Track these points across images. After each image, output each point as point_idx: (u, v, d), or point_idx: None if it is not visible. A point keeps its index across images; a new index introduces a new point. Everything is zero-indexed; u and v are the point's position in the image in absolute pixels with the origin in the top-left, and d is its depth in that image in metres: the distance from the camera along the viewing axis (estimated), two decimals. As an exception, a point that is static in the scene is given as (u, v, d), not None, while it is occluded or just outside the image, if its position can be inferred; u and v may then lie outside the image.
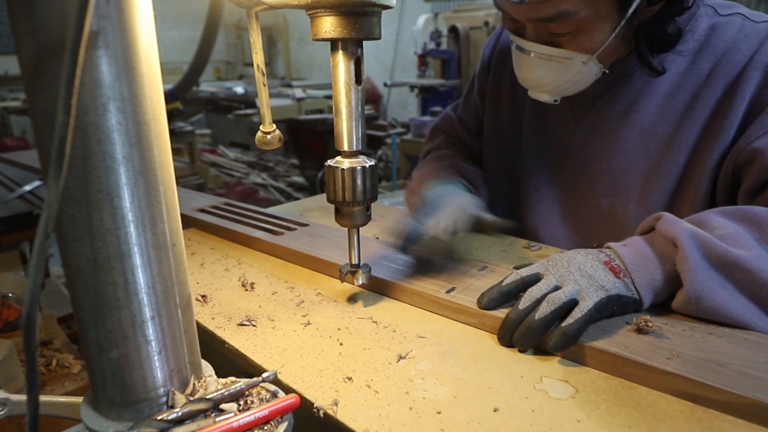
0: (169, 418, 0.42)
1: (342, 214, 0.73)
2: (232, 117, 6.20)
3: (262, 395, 0.49)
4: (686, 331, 0.66)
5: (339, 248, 0.93)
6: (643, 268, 0.69)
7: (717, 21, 0.88)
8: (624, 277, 0.68)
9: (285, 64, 9.19)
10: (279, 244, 0.97)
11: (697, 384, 0.56)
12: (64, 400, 0.48)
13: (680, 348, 0.62)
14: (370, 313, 0.77)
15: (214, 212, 1.18)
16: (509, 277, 0.73)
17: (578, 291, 0.66)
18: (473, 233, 1.06)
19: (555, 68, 0.87)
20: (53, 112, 0.33)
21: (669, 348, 0.62)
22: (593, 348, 0.63)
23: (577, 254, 0.72)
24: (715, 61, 0.86)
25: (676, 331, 0.66)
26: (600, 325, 0.67)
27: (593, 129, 0.98)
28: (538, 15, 0.81)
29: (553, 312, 0.64)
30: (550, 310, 0.64)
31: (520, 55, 0.91)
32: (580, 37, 0.83)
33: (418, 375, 0.62)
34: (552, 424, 0.54)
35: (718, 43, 0.87)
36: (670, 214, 0.73)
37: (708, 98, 0.87)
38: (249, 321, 0.74)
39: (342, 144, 0.69)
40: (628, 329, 0.66)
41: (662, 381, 0.58)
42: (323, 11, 0.62)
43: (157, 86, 0.40)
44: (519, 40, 0.90)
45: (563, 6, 0.79)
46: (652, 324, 0.65)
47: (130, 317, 0.41)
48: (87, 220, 0.38)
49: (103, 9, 0.35)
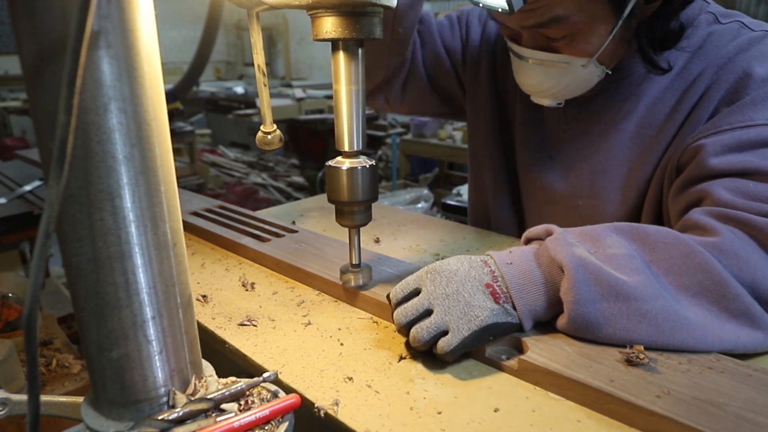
0: (170, 417, 0.42)
1: (342, 214, 0.73)
2: (232, 117, 6.20)
3: (263, 395, 0.49)
4: (683, 364, 0.59)
5: (323, 258, 0.90)
6: (526, 293, 0.64)
7: (715, 29, 0.87)
8: (504, 303, 0.64)
9: (285, 64, 9.19)
10: (263, 252, 0.94)
11: (687, 428, 0.49)
12: (64, 400, 0.48)
13: (673, 384, 0.55)
14: (370, 314, 0.77)
15: (206, 216, 1.16)
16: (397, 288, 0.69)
17: (447, 322, 0.62)
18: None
19: (554, 73, 0.87)
20: (54, 112, 0.33)
21: (660, 384, 0.55)
22: (573, 381, 0.57)
23: (460, 267, 0.66)
24: (704, 66, 0.85)
25: (671, 364, 0.59)
26: (585, 353, 0.61)
27: (582, 130, 0.98)
28: (530, 22, 0.81)
29: (423, 343, 0.62)
30: (417, 344, 0.63)
31: (518, 61, 0.90)
32: (577, 40, 0.82)
33: (418, 375, 0.62)
34: (552, 424, 0.54)
35: (710, 49, 0.86)
36: (561, 230, 0.69)
37: (689, 101, 0.86)
38: (249, 321, 0.74)
39: (342, 144, 0.69)
40: (617, 360, 0.60)
41: (649, 422, 0.52)
42: (324, 11, 0.62)
43: (158, 86, 0.40)
44: (516, 47, 0.89)
45: (555, 11, 0.78)
46: (644, 356, 0.59)
47: (131, 317, 0.41)
48: (88, 220, 0.38)
49: (105, 9, 0.35)
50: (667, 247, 0.65)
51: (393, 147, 4.73)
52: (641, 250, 0.66)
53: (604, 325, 0.62)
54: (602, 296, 0.62)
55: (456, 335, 0.61)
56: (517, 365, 0.62)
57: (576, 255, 0.63)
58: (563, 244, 0.65)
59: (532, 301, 0.65)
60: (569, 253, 0.63)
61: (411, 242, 1.07)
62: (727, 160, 0.75)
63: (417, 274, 0.68)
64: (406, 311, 0.65)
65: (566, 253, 0.63)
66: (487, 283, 0.65)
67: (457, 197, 3.39)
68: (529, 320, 0.65)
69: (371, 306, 0.77)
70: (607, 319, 0.61)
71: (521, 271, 0.66)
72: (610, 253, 0.65)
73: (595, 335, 0.62)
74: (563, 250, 0.64)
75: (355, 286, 0.78)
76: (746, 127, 0.76)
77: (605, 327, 0.62)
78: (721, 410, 0.51)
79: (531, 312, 0.65)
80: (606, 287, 0.61)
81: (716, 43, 0.86)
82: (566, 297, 0.62)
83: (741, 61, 0.81)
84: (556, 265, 0.64)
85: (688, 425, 0.49)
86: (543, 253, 0.66)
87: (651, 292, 0.62)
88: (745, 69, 0.80)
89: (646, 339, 0.61)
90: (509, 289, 0.64)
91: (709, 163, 0.76)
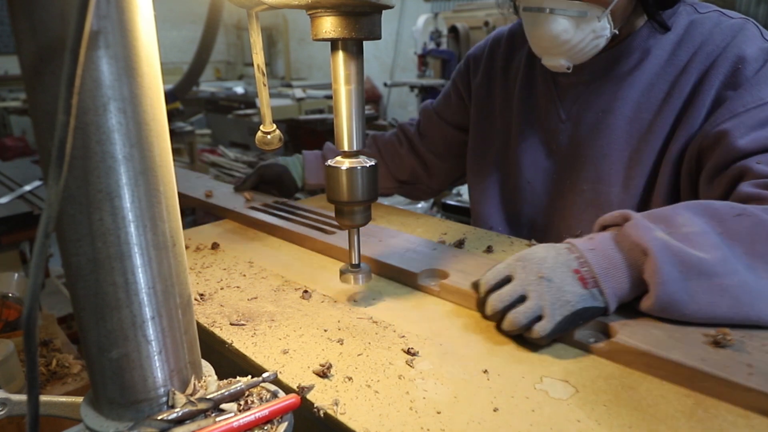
0: (170, 418, 0.42)
1: (342, 214, 0.73)
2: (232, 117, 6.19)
3: (263, 395, 0.49)
4: (766, 345, 0.62)
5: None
6: (611, 276, 0.67)
7: (696, 17, 0.94)
8: (592, 288, 0.67)
9: (285, 64, 9.19)
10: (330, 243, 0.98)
11: None
12: (64, 400, 0.48)
13: (761, 363, 0.58)
14: (370, 313, 0.77)
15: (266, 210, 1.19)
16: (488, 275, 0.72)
17: (541, 307, 0.65)
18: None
19: (572, 24, 0.91)
20: (53, 112, 0.33)
21: (748, 362, 0.58)
22: (668, 360, 0.60)
23: (548, 255, 0.69)
24: (693, 52, 0.92)
25: (755, 345, 0.62)
26: (673, 335, 0.64)
27: (580, 119, 1.03)
28: None
29: (520, 327, 0.66)
30: (511, 330, 0.67)
31: (536, 16, 0.94)
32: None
33: (418, 375, 0.62)
34: (552, 424, 0.54)
35: (696, 36, 0.93)
36: (638, 215, 0.71)
37: (684, 86, 0.92)
38: (249, 321, 0.74)
39: (342, 144, 0.69)
40: (704, 341, 0.63)
41: (744, 398, 0.55)
42: (323, 11, 0.62)
43: (158, 86, 0.40)
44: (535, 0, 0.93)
45: None
46: (731, 337, 0.62)
47: (131, 317, 0.41)
48: (87, 220, 0.38)
49: (104, 9, 0.35)
50: (737, 219, 0.69)
51: (393, 147, 4.71)
52: (713, 224, 0.69)
53: (689, 303, 0.65)
54: (686, 275, 0.65)
55: (551, 320, 0.64)
56: (607, 347, 0.65)
57: (658, 238, 0.66)
58: (644, 228, 0.68)
59: (617, 284, 0.67)
60: (652, 236, 0.66)
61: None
62: (754, 138, 0.81)
63: (506, 262, 0.72)
64: (502, 297, 0.68)
65: (649, 237, 0.66)
66: (575, 269, 0.68)
67: (457, 197, 3.39)
68: (615, 303, 0.68)
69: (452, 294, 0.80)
70: (691, 297, 0.65)
71: (605, 255, 0.69)
72: (686, 232, 0.68)
73: (680, 313, 0.65)
74: (646, 234, 0.67)
75: (354, 286, 0.78)
76: (760, 105, 0.83)
77: (690, 305, 0.65)
78: None
79: (617, 295, 0.68)
80: (689, 266, 0.65)
81: (700, 29, 0.93)
82: (652, 279, 0.65)
83: (732, 46, 0.88)
84: (638, 249, 0.67)
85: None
86: (623, 238, 0.69)
87: (730, 267, 0.65)
88: (737, 53, 0.87)
89: (728, 313, 0.64)
90: (595, 274, 0.67)
91: (738, 144, 0.82)
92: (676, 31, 0.94)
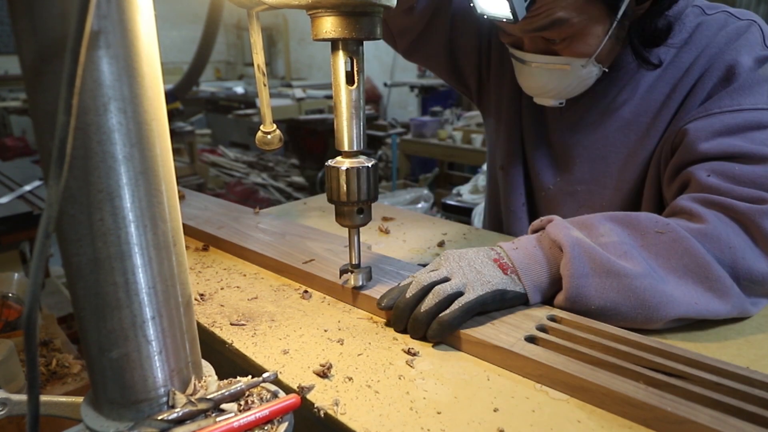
0: (170, 418, 0.42)
1: (342, 215, 0.73)
2: (232, 117, 6.20)
3: (263, 395, 0.49)
4: None
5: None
6: (531, 270, 0.71)
7: (703, 19, 0.92)
8: (511, 273, 0.71)
9: (285, 64, 9.19)
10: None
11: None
12: (64, 400, 0.48)
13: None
14: (370, 313, 0.77)
15: None
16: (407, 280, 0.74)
17: (464, 284, 0.68)
18: None
19: (556, 75, 0.91)
20: (54, 112, 0.33)
21: None
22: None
23: (469, 251, 0.74)
24: (696, 55, 0.90)
25: None
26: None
27: (579, 120, 1.02)
28: (532, 26, 0.84)
29: (437, 304, 0.67)
30: (435, 302, 0.67)
31: (521, 66, 0.94)
32: (576, 42, 0.86)
33: (418, 375, 0.62)
34: (552, 424, 0.54)
35: (700, 39, 0.90)
36: (560, 218, 0.76)
37: (683, 89, 0.90)
38: (249, 321, 0.74)
39: (342, 144, 0.69)
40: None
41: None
42: (324, 11, 0.62)
43: (158, 86, 0.40)
44: (517, 53, 0.93)
45: (556, 14, 0.82)
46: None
47: (131, 317, 0.41)
48: (87, 220, 0.38)
49: (104, 9, 0.35)
50: (657, 234, 0.72)
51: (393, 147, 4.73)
52: (634, 236, 0.73)
53: (595, 298, 0.68)
54: (595, 271, 0.69)
55: (472, 294, 0.67)
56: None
57: (572, 236, 0.71)
58: (562, 227, 0.73)
59: (536, 276, 0.71)
60: (567, 234, 0.71)
61: (411, 242, 1.07)
62: (716, 143, 0.80)
63: (431, 263, 0.75)
64: (429, 275, 0.70)
65: (564, 234, 0.71)
66: (495, 258, 0.73)
67: (457, 197, 3.39)
68: (535, 292, 0.71)
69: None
70: (599, 293, 0.68)
71: (526, 252, 0.73)
72: (604, 242, 0.72)
73: (587, 308, 0.69)
74: (561, 232, 0.72)
75: (354, 286, 0.78)
76: (734, 111, 0.81)
77: (596, 300, 0.68)
78: None
79: (536, 285, 0.71)
80: (599, 264, 0.69)
81: (705, 32, 0.90)
82: (564, 272, 0.69)
83: (731, 50, 0.86)
84: (556, 246, 0.71)
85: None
86: (545, 237, 0.74)
87: (640, 271, 0.68)
88: (734, 57, 0.85)
89: (632, 312, 0.68)
90: (514, 264, 0.72)
91: (698, 146, 0.82)
92: (682, 34, 0.91)
